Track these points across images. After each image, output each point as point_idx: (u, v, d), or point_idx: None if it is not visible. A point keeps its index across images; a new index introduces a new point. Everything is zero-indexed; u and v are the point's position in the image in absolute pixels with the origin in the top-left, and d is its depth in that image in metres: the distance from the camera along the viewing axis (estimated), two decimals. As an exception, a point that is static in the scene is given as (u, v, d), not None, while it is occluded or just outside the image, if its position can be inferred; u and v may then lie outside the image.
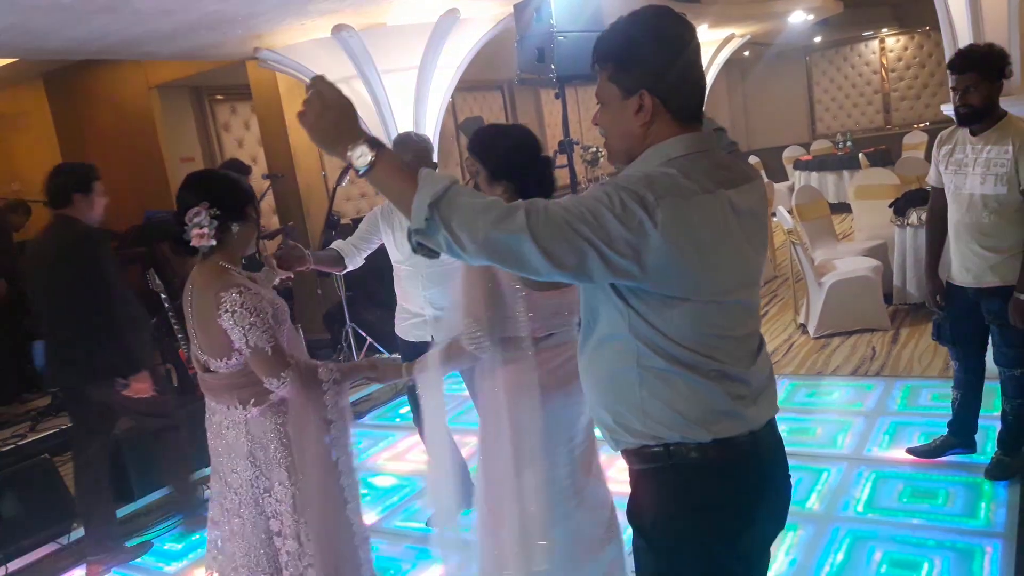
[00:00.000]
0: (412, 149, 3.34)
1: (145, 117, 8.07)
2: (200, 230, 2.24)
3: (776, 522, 1.68)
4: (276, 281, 2.75)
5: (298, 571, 2.35)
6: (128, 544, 3.92)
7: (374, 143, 1.43)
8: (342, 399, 2.35)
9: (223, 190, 2.34)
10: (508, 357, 2.22)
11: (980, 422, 3.71)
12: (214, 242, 2.28)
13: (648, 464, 1.58)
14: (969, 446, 3.70)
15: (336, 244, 3.52)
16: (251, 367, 2.29)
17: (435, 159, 3.42)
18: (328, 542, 2.36)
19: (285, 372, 2.25)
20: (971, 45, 3.43)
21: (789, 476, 1.70)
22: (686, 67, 1.51)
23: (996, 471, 3.49)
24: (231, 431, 2.39)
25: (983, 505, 3.32)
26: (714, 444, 1.52)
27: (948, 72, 3.33)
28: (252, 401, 2.33)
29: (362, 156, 1.41)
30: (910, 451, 3.81)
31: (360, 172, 1.42)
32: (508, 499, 2.20)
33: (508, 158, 2.23)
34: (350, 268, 3.50)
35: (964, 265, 3.39)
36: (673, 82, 1.50)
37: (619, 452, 1.65)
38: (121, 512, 4.22)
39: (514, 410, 2.21)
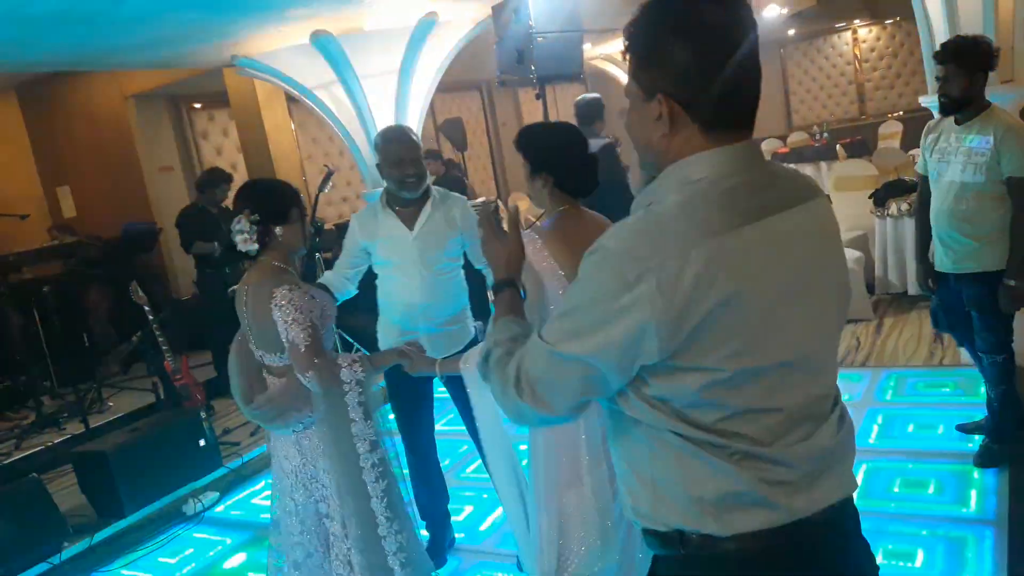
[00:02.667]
0: (379, 151, 3.15)
1: (121, 127, 7.98)
2: (242, 236, 2.44)
3: None
4: None
5: (343, 552, 2.50)
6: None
7: (503, 285, 1.64)
8: (366, 397, 2.48)
9: (261, 197, 2.53)
10: None
11: (969, 410, 3.75)
12: (256, 246, 2.46)
13: (662, 550, 1.30)
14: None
15: (324, 278, 3.33)
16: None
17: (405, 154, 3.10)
18: (369, 532, 2.48)
19: (311, 372, 2.37)
20: (957, 36, 3.45)
21: (871, 564, 1.34)
22: (720, 61, 1.18)
23: (984, 459, 3.53)
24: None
25: (973, 493, 3.36)
26: (734, 539, 1.20)
27: (934, 61, 3.40)
28: (299, 418, 2.50)
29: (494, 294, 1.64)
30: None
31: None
32: (567, 501, 2.31)
33: (546, 153, 2.35)
34: (344, 299, 3.30)
35: (944, 252, 3.46)
36: (703, 85, 1.19)
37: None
38: (111, 529, 4.19)
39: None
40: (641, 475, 1.27)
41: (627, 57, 1.27)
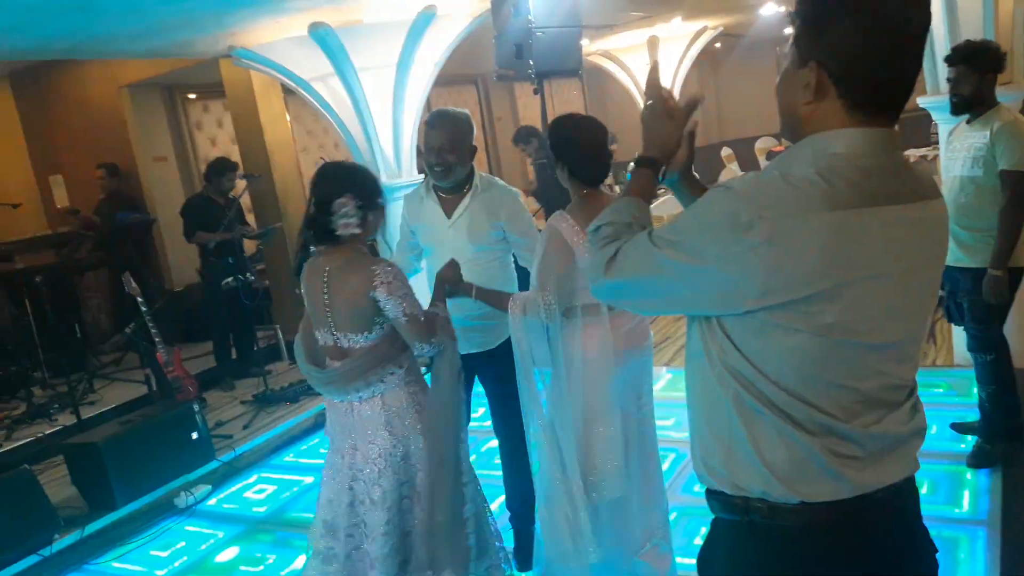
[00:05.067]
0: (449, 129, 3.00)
1: (115, 117, 7.92)
2: (348, 220, 2.36)
3: None
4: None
5: (423, 521, 2.50)
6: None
7: (641, 162, 1.55)
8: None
9: (364, 181, 2.46)
10: (588, 321, 2.56)
11: (961, 411, 3.77)
12: (359, 230, 2.39)
13: (725, 514, 1.33)
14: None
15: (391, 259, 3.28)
16: (403, 335, 2.44)
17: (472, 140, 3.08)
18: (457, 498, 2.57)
19: (436, 336, 2.46)
20: (966, 40, 3.53)
21: (929, 549, 1.37)
22: (885, 45, 1.17)
23: (977, 459, 3.55)
24: (365, 405, 2.49)
25: (966, 494, 3.37)
26: (802, 507, 1.23)
27: (945, 64, 3.49)
28: (381, 376, 2.46)
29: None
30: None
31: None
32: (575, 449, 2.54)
33: (559, 144, 2.60)
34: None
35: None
36: (859, 63, 1.19)
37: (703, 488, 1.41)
38: (102, 521, 4.17)
39: (591, 368, 2.54)
40: (717, 434, 1.29)
41: (792, 18, 1.26)
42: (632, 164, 1.56)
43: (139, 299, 5.03)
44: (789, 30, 1.30)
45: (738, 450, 1.26)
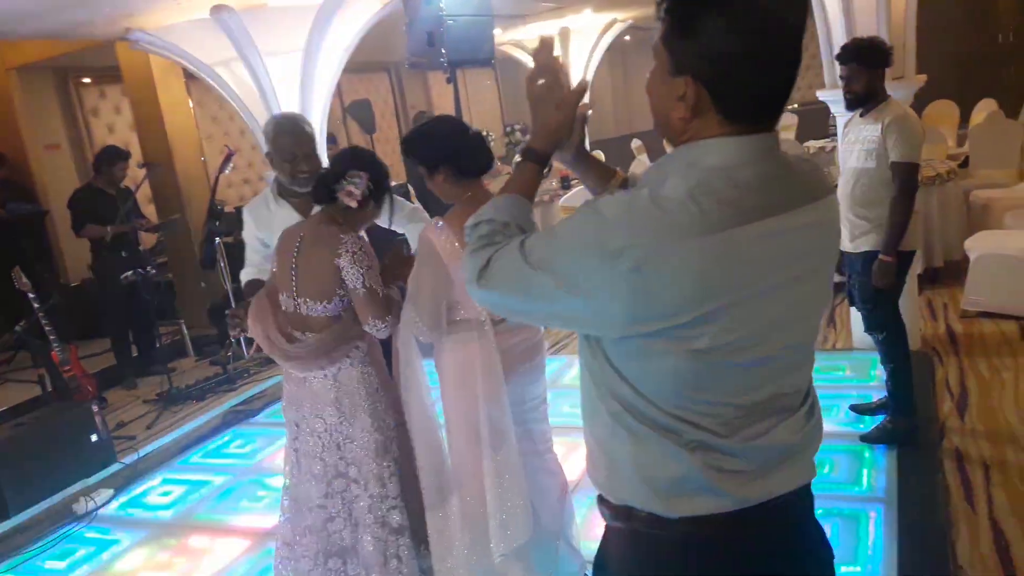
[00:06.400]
0: (270, 141, 3.01)
1: (3, 101, 7.46)
2: (354, 190, 2.42)
3: None
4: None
5: (380, 514, 2.52)
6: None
7: (532, 156, 1.42)
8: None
9: (384, 175, 2.56)
10: (469, 338, 2.40)
11: (861, 392, 3.93)
12: (355, 205, 2.44)
13: (612, 521, 1.32)
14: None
15: (248, 273, 3.20)
16: (358, 308, 2.46)
17: (317, 145, 3.06)
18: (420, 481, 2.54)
19: (389, 316, 2.46)
20: (854, 39, 3.71)
21: (825, 553, 1.33)
22: (765, 55, 1.11)
23: (878, 435, 3.71)
24: (318, 380, 2.54)
25: (865, 472, 3.52)
26: (686, 519, 1.21)
27: (836, 62, 3.64)
28: (345, 352, 2.51)
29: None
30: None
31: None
32: (479, 474, 2.39)
33: (435, 148, 2.42)
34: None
35: (845, 233, 3.69)
36: (738, 75, 1.11)
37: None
38: (-7, 532, 3.94)
39: (479, 387, 2.38)
40: (602, 448, 1.28)
41: (661, 13, 1.16)
42: (517, 156, 1.48)
43: (31, 295, 4.76)
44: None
45: (619, 465, 1.24)
